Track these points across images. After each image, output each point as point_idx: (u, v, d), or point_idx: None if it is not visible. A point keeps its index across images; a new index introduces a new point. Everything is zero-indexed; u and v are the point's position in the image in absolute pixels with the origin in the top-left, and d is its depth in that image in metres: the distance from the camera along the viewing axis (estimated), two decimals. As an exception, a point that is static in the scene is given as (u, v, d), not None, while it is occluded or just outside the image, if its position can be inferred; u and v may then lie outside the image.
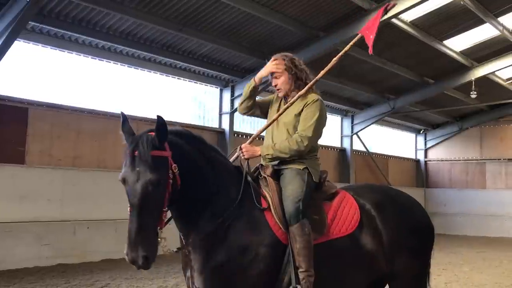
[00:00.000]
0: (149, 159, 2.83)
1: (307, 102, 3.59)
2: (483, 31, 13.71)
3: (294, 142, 3.49)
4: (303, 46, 12.40)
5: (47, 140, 10.21)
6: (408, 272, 3.74)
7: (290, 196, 3.37)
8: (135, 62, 11.88)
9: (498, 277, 9.57)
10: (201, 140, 3.38)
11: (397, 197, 4.03)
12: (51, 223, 9.76)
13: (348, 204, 3.64)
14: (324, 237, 3.43)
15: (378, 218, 3.68)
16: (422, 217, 4.01)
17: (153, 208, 2.85)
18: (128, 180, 2.88)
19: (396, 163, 21.41)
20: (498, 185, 20.75)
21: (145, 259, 2.77)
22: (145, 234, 2.80)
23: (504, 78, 17.64)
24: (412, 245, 3.76)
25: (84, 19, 10.04)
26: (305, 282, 3.21)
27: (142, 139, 2.90)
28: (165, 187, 2.90)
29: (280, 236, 3.27)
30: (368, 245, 3.57)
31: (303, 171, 3.53)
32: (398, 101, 17.54)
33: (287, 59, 3.69)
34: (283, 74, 3.68)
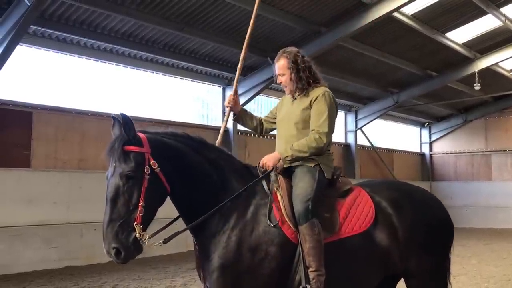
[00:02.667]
0: (120, 154, 2.96)
1: (314, 97, 3.56)
2: (485, 22, 13.63)
3: (312, 140, 3.46)
4: (305, 42, 12.35)
5: (52, 143, 10.24)
6: (424, 269, 3.67)
7: (299, 195, 3.34)
8: (137, 63, 11.90)
9: (507, 269, 9.54)
10: (200, 141, 3.39)
11: (414, 193, 3.95)
12: (59, 226, 9.79)
13: (363, 201, 3.57)
14: (336, 235, 3.38)
15: (394, 215, 3.61)
16: (440, 213, 3.91)
17: (125, 201, 2.92)
18: (108, 176, 3.03)
19: (401, 157, 21.35)
20: (504, 177, 20.67)
21: (116, 251, 2.89)
22: (116, 227, 2.88)
23: (507, 69, 17.55)
24: (429, 242, 3.68)
25: (85, 21, 10.06)
26: (315, 282, 3.18)
27: (118, 137, 3.04)
28: (140, 181, 2.95)
29: (290, 235, 3.24)
30: (383, 242, 3.51)
31: (314, 168, 3.49)
32: (401, 95, 17.49)
33: (290, 56, 3.65)
34: (286, 73, 3.65)
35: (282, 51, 3.74)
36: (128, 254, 2.91)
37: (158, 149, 3.09)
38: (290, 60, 3.63)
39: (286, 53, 3.69)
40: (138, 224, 2.91)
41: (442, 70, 16.42)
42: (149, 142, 3.07)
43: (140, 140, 3.04)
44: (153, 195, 3.01)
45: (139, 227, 2.91)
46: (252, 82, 13.47)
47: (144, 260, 10.35)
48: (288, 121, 3.66)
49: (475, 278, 8.42)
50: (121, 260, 2.92)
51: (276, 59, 3.73)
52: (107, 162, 3.05)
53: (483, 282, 8.22)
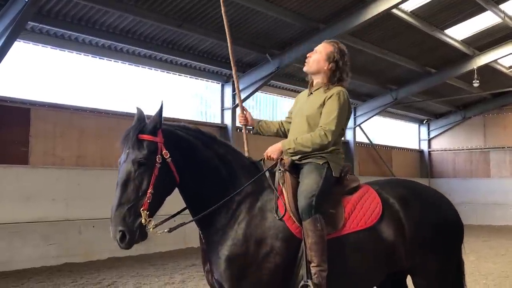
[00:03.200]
0: (134, 141, 3.08)
1: (329, 94, 3.57)
2: (484, 19, 13.63)
3: (317, 136, 3.47)
4: (303, 39, 12.36)
5: (50, 140, 10.22)
6: (430, 268, 3.65)
7: (304, 191, 3.37)
8: (136, 60, 11.86)
9: (505, 266, 9.56)
10: (210, 136, 3.49)
11: (423, 192, 3.94)
12: (57, 223, 9.78)
13: (370, 198, 3.58)
14: (341, 231, 3.41)
15: (402, 212, 3.60)
16: (449, 213, 3.87)
17: (135, 187, 3.01)
18: (120, 162, 3.12)
19: (399, 154, 21.36)
20: (502, 174, 20.70)
21: (122, 234, 2.94)
22: (124, 210, 2.96)
23: (506, 66, 17.56)
24: (435, 241, 3.66)
25: (84, 17, 10.01)
26: (316, 277, 3.20)
27: (134, 126, 3.17)
28: (151, 169, 3.05)
29: (294, 230, 3.29)
30: (389, 238, 3.51)
31: (323, 165, 3.50)
32: (400, 92, 17.49)
33: (342, 51, 3.68)
34: (321, 55, 3.66)
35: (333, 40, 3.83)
36: (132, 239, 2.97)
37: (171, 140, 3.19)
38: (339, 52, 3.66)
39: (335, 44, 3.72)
40: (145, 210, 2.98)
41: (441, 67, 16.41)
42: (162, 133, 3.16)
43: (155, 130, 3.13)
44: (162, 184, 3.09)
45: (145, 213, 2.98)
46: (251, 79, 13.45)
47: (143, 257, 10.36)
48: (302, 115, 3.69)
49: (474, 275, 8.42)
50: (125, 245, 2.98)
51: (325, 41, 3.79)
52: (121, 149, 3.15)
53: (481, 279, 8.23)
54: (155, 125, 3.14)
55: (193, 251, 10.69)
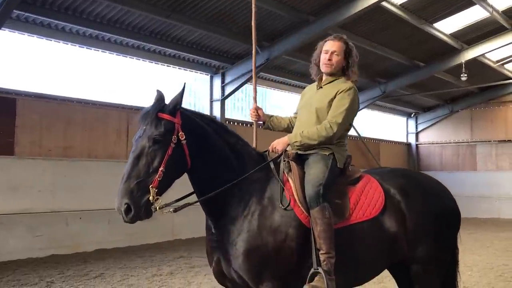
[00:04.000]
0: (153, 118, 3.11)
1: (341, 89, 3.61)
2: (473, 13, 13.69)
3: (323, 129, 3.51)
4: (293, 31, 12.33)
5: (37, 130, 10.09)
6: (431, 256, 3.73)
7: (311, 180, 3.42)
8: (124, 50, 11.73)
9: (490, 258, 9.70)
10: (222, 125, 3.57)
11: (423, 181, 4.02)
12: (43, 214, 9.69)
13: (372, 188, 3.65)
14: (347, 221, 3.47)
15: (403, 202, 3.69)
16: (448, 202, 3.97)
17: (147, 162, 3.03)
18: (136, 137, 3.13)
19: (387, 147, 21.50)
20: (488, 167, 20.94)
21: (127, 207, 2.93)
22: (133, 184, 2.96)
23: (494, 60, 17.69)
24: (436, 230, 3.74)
25: (71, 7, 9.86)
26: (325, 264, 3.26)
27: (154, 104, 3.21)
28: (165, 148, 3.07)
29: (303, 219, 3.34)
30: (391, 228, 3.59)
31: (328, 156, 3.56)
32: (389, 85, 17.57)
33: (351, 46, 3.74)
34: (341, 55, 3.70)
35: (340, 35, 3.80)
36: (137, 214, 2.95)
37: (188, 124, 3.22)
38: (349, 48, 3.72)
39: (344, 40, 3.74)
40: (154, 187, 2.98)
41: (429, 60, 16.49)
42: (181, 115, 3.21)
43: (174, 111, 3.18)
44: (174, 164, 3.10)
45: (154, 190, 2.98)
46: (240, 70, 13.41)
47: (131, 248, 10.34)
48: (310, 108, 3.71)
49: (459, 267, 8.50)
50: (129, 219, 2.96)
51: (333, 37, 3.77)
52: (138, 126, 3.17)
53: (466, 271, 8.32)
54: (175, 106, 3.18)
55: (181, 243, 10.70)
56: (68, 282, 7.26)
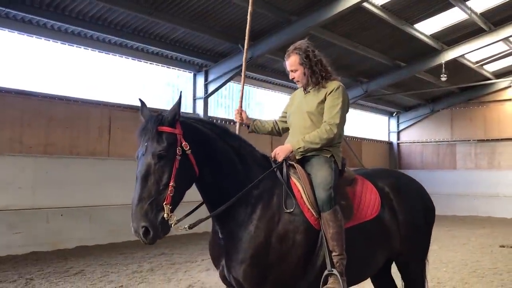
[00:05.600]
0: (154, 133, 2.99)
1: (329, 90, 3.66)
2: (452, 15, 13.93)
3: (323, 131, 3.57)
4: (276, 30, 12.43)
5: (17, 127, 10.04)
6: (417, 248, 4.06)
7: (321, 183, 3.44)
8: (106, 47, 11.72)
9: (465, 254, 9.93)
10: (224, 128, 3.47)
11: (408, 181, 4.29)
12: (23, 211, 9.64)
13: (369, 189, 3.78)
14: (353, 221, 3.55)
15: (394, 200, 3.88)
16: (428, 199, 4.29)
17: (156, 180, 2.93)
18: (139, 155, 3.02)
19: (369, 146, 21.75)
20: (468, 165, 21.32)
21: (145, 230, 2.85)
22: (146, 205, 2.87)
23: (473, 61, 18.00)
24: (421, 224, 4.04)
25: (53, 3, 9.83)
26: (339, 266, 3.31)
27: (152, 118, 3.08)
28: (172, 161, 2.98)
29: (313, 222, 3.35)
30: (388, 226, 3.78)
31: (330, 158, 3.62)
32: (370, 85, 17.79)
33: (301, 52, 3.69)
34: (299, 68, 3.71)
35: (292, 47, 3.76)
36: (156, 234, 2.88)
37: (189, 132, 3.15)
38: (302, 56, 3.68)
39: (296, 49, 3.72)
40: (168, 204, 2.91)
41: (410, 60, 16.73)
42: (181, 124, 3.12)
43: (174, 122, 3.08)
44: (183, 177, 3.03)
45: (168, 207, 2.91)
46: (223, 68, 13.48)
47: (111, 245, 10.36)
48: (302, 113, 3.75)
49: (435, 263, 8.73)
50: (149, 240, 2.88)
51: (287, 55, 3.78)
52: (138, 142, 3.08)
53: (442, 267, 8.55)
54: (174, 116, 3.08)
55: (163, 240, 10.65)
56: (47, 279, 7.27)
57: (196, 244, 10.48)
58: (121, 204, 10.49)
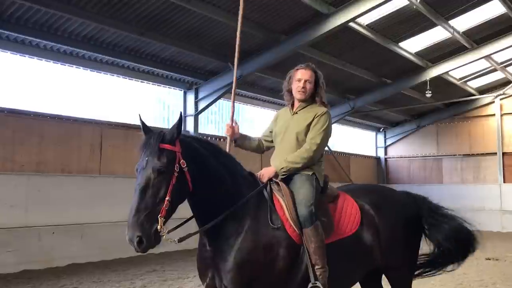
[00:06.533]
0: (156, 150, 3.20)
1: (318, 113, 3.93)
2: (436, 33, 14.32)
3: (303, 151, 3.81)
4: (265, 49, 12.70)
5: (9, 146, 10.10)
6: (402, 262, 4.20)
7: (303, 200, 3.66)
8: (98, 66, 11.87)
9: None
10: (216, 147, 3.70)
11: (390, 195, 4.48)
12: (15, 230, 9.66)
13: (350, 205, 3.98)
14: (333, 237, 3.74)
15: (376, 216, 4.06)
16: (412, 209, 4.45)
17: (153, 194, 3.12)
18: (139, 168, 3.21)
19: (357, 161, 22.02)
20: (454, 180, 21.64)
21: (139, 239, 3.03)
22: (142, 216, 3.05)
23: (457, 78, 18.42)
24: (405, 238, 4.20)
25: (45, 24, 10.00)
26: (322, 278, 3.52)
27: (154, 135, 3.29)
28: (169, 177, 3.18)
29: (295, 237, 3.55)
30: (368, 242, 3.95)
31: (312, 176, 3.83)
32: (357, 101, 18.12)
33: (317, 73, 4.05)
34: (312, 83, 4.01)
35: (309, 64, 4.11)
36: (149, 244, 3.06)
37: (187, 150, 3.35)
38: (317, 76, 4.04)
39: (314, 69, 4.07)
40: (162, 217, 3.10)
41: (396, 77, 17.09)
42: (180, 143, 3.32)
43: (174, 140, 3.29)
44: (178, 192, 3.22)
45: (162, 219, 3.10)
46: (213, 86, 13.71)
47: (104, 263, 10.39)
48: (290, 133, 3.97)
49: (422, 276, 8.89)
50: (142, 249, 3.07)
51: (305, 67, 4.07)
52: (139, 155, 3.27)
53: (429, 280, 8.66)
54: (174, 135, 3.29)
55: (154, 257, 10.79)
56: (41, 296, 7.31)
57: (187, 261, 10.55)
58: (112, 222, 10.57)
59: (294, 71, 4.11)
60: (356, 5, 11.24)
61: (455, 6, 12.81)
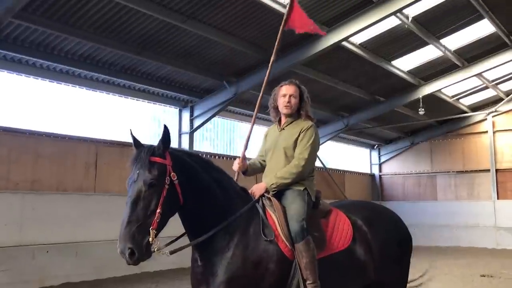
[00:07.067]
0: (147, 163, 3.26)
1: (303, 127, 4.00)
2: (427, 52, 14.57)
3: (292, 166, 3.87)
4: (259, 68, 12.83)
5: (4, 164, 10.10)
6: (396, 278, 4.26)
7: (294, 215, 3.70)
8: (94, 85, 11.94)
9: (448, 284, 10.16)
10: (208, 161, 3.77)
11: (383, 212, 4.55)
12: (9, 248, 9.60)
13: (342, 221, 4.03)
14: (325, 252, 3.79)
15: (368, 232, 4.11)
16: (403, 229, 4.52)
17: (144, 206, 3.17)
18: (130, 182, 3.26)
19: (352, 178, 22.09)
20: (448, 197, 21.73)
21: (131, 252, 3.06)
22: (133, 228, 3.09)
23: (449, 95, 18.66)
24: (397, 254, 4.26)
25: (42, 43, 10.10)
26: None
27: (145, 148, 3.38)
28: (160, 190, 3.23)
29: (286, 252, 3.60)
30: (361, 257, 4.00)
31: (303, 192, 3.88)
32: (351, 119, 18.28)
33: (301, 88, 4.17)
34: (297, 98, 4.11)
35: (292, 80, 4.22)
36: (140, 256, 3.09)
37: (177, 163, 3.41)
38: (302, 91, 4.14)
39: (298, 84, 4.18)
40: (154, 229, 3.14)
41: (389, 95, 17.28)
42: (170, 156, 3.39)
43: (164, 153, 3.36)
44: (169, 204, 3.27)
45: (153, 232, 3.13)
46: (209, 104, 13.83)
47: (98, 282, 10.33)
48: (278, 149, 4.05)
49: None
50: (133, 261, 3.10)
51: (289, 83, 4.18)
52: (130, 169, 3.33)
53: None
54: (165, 148, 3.37)
55: (149, 276, 10.75)
56: (35, 316, 7.26)
57: (182, 279, 10.51)
58: (107, 240, 10.53)
59: (279, 87, 4.22)
60: (348, 25, 11.44)
61: (446, 25, 13.06)
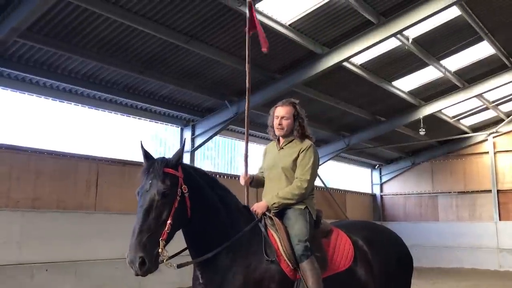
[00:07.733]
0: (161, 173, 3.31)
1: (302, 148, 4.01)
2: (428, 73, 14.68)
3: (295, 187, 3.88)
4: (261, 87, 12.92)
5: (6, 182, 10.11)
6: None
7: (298, 235, 3.71)
8: (96, 103, 12.01)
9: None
10: (213, 178, 3.81)
11: (383, 232, 4.58)
12: (8, 267, 9.54)
13: (343, 241, 4.04)
14: (327, 272, 3.78)
15: (369, 252, 4.12)
16: (404, 249, 4.55)
17: (156, 216, 3.19)
18: (141, 191, 3.27)
19: (353, 198, 22.02)
20: (449, 217, 21.62)
21: (141, 261, 3.02)
22: (145, 237, 3.08)
23: (450, 116, 18.72)
24: (398, 274, 4.28)
25: (46, 62, 10.20)
26: None
27: (158, 160, 3.44)
28: (172, 201, 3.28)
29: (288, 273, 3.59)
30: (362, 277, 3.99)
31: (305, 211, 3.89)
32: (352, 138, 18.32)
33: (296, 106, 4.15)
34: (290, 118, 4.09)
35: (288, 100, 4.21)
36: (150, 267, 3.08)
37: (188, 177, 3.47)
38: (296, 110, 4.12)
39: (292, 103, 4.17)
40: (164, 240, 3.16)
41: (390, 115, 17.35)
42: (182, 169, 3.46)
43: (177, 166, 3.43)
44: (179, 216, 3.31)
45: (163, 243, 3.15)
46: (210, 123, 13.89)
47: (97, 301, 10.23)
48: (277, 168, 4.06)
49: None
50: (142, 272, 3.06)
51: (282, 104, 4.17)
52: (141, 179, 3.37)
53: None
54: (178, 160, 3.43)
55: (148, 295, 10.65)
56: (32, 335, 7.19)
57: (182, 299, 10.43)
58: (107, 259, 10.48)
59: (274, 108, 4.24)
60: (349, 46, 11.56)
61: (446, 46, 13.19)
